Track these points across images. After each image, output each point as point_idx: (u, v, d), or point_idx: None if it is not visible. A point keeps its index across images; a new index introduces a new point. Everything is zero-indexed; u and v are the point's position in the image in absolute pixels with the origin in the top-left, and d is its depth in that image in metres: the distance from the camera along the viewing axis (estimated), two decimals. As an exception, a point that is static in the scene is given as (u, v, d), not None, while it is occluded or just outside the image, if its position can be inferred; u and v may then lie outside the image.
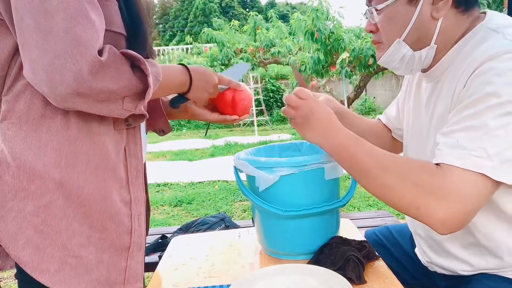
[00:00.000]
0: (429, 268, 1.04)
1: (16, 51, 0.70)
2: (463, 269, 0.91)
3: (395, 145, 1.21)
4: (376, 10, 0.88)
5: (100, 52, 0.66)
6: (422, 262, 1.06)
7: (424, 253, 1.02)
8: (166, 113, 1.09)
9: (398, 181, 0.77)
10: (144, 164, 1.01)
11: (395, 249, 1.20)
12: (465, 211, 0.73)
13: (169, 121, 1.10)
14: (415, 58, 0.89)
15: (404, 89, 1.12)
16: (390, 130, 1.22)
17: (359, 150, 0.84)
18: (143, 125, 0.93)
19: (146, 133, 1.09)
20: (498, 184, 0.73)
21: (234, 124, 1.13)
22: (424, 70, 0.94)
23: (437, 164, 0.76)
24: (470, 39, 0.84)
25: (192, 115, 1.10)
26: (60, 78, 0.63)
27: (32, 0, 0.62)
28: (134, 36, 0.78)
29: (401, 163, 0.79)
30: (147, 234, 1.01)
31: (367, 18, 0.92)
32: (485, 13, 0.86)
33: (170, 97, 1.03)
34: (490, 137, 0.71)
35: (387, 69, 6.91)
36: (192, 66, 0.96)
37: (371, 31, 0.93)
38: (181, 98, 0.98)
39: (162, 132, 1.13)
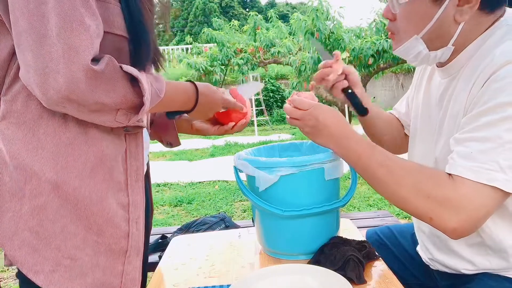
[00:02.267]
0: (431, 267, 1.04)
1: (15, 52, 0.70)
2: (466, 268, 0.91)
3: (407, 140, 1.19)
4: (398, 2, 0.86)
5: (96, 61, 0.66)
6: (423, 260, 1.06)
7: (427, 250, 1.02)
8: (178, 127, 1.09)
9: (411, 193, 0.78)
10: (148, 164, 1.00)
11: (396, 248, 1.19)
12: (476, 220, 0.74)
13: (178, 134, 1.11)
14: (430, 56, 0.88)
15: (415, 83, 1.10)
16: (402, 125, 1.21)
17: (372, 160, 0.83)
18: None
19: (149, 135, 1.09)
20: (509, 194, 0.74)
21: (237, 132, 1.14)
22: (439, 65, 0.93)
23: (449, 173, 0.77)
24: (489, 36, 0.82)
25: (196, 131, 1.11)
26: (52, 82, 0.63)
27: (28, 3, 0.62)
28: (137, 38, 0.77)
29: (414, 174, 0.79)
30: (148, 237, 1.00)
31: (386, 2, 0.90)
32: (505, 9, 0.85)
33: None
34: (503, 150, 0.71)
35: (387, 68, 6.92)
36: (201, 86, 0.94)
37: (388, 18, 0.91)
38: (180, 112, 0.97)
39: (170, 145, 1.13)
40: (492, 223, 0.83)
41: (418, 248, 1.09)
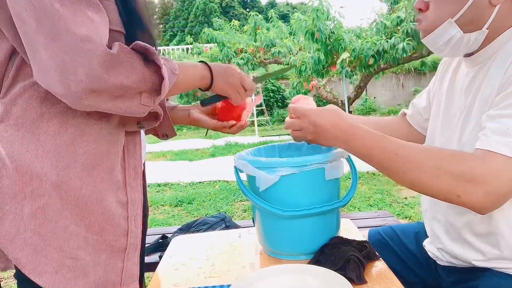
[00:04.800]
0: (438, 262, 1.03)
1: (12, 54, 0.70)
2: (476, 259, 0.91)
3: (416, 137, 1.18)
4: None
5: (109, 47, 0.66)
6: (430, 255, 1.06)
7: (438, 240, 1.01)
8: (172, 118, 1.09)
9: (434, 175, 0.78)
10: (144, 164, 1.01)
11: (399, 248, 1.19)
12: (504, 194, 0.75)
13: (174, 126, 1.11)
14: (463, 40, 0.87)
15: (438, 77, 1.09)
16: (411, 125, 1.19)
17: (385, 151, 0.83)
18: None
19: (146, 133, 1.10)
20: None
21: (236, 133, 1.14)
22: (468, 55, 0.93)
23: (477, 148, 0.77)
24: None
25: (194, 121, 1.11)
26: (73, 75, 0.63)
27: (30, 2, 0.62)
28: (133, 34, 0.78)
29: (434, 156, 0.79)
30: (145, 234, 1.01)
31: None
32: None
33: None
34: None
35: (387, 69, 6.92)
36: (212, 63, 0.95)
37: (420, 9, 0.91)
38: (215, 98, 0.97)
39: (165, 136, 1.13)
40: (510, 206, 0.83)
41: (427, 241, 1.08)
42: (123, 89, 0.68)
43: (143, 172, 1.04)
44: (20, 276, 0.73)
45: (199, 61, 0.94)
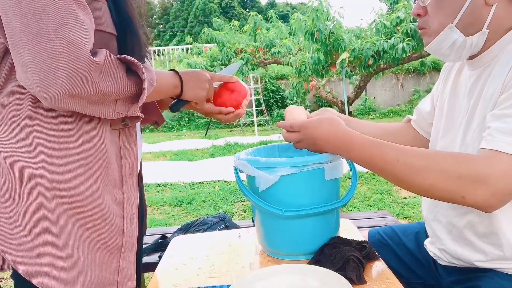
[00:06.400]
0: (438, 261, 1.03)
1: (5, 54, 0.70)
2: (478, 259, 0.91)
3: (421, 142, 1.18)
4: None
5: (93, 54, 0.66)
6: (431, 255, 1.05)
7: (439, 241, 1.00)
8: (160, 104, 1.09)
9: (438, 179, 0.78)
10: (140, 163, 1.01)
11: (399, 248, 1.19)
12: (509, 192, 0.75)
13: (161, 112, 1.11)
14: (466, 44, 0.87)
15: (441, 81, 1.09)
16: (416, 131, 1.19)
17: (386, 160, 0.83)
18: (138, 124, 0.93)
19: (142, 131, 1.10)
20: None
21: (234, 123, 1.14)
22: (470, 58, 0.93)
23: (482, 148, 0.77)
24: None
25: (189, 105, 1.10)
26: (53, 79, 0.63)
27: (20, 3, 0.62)
28: (125, 36, 0.78)
29: (437, 160, 0.79)
30: (144, 234, 1.00)
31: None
32: None
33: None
34: None
35: (387, 69, 6.94)
36: (182, 70, 0.98)
37: (418, 15, 0.91)
38: (180, 101, 0.99)
39: (156, 123, 1.13)
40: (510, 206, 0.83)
41: (427, 241, 1.08)
42: (102, 96, 0.69)
43: (140, 171, 1.04)
44: (16, 276, 0.73)
45: (170, 69, 0.97)
